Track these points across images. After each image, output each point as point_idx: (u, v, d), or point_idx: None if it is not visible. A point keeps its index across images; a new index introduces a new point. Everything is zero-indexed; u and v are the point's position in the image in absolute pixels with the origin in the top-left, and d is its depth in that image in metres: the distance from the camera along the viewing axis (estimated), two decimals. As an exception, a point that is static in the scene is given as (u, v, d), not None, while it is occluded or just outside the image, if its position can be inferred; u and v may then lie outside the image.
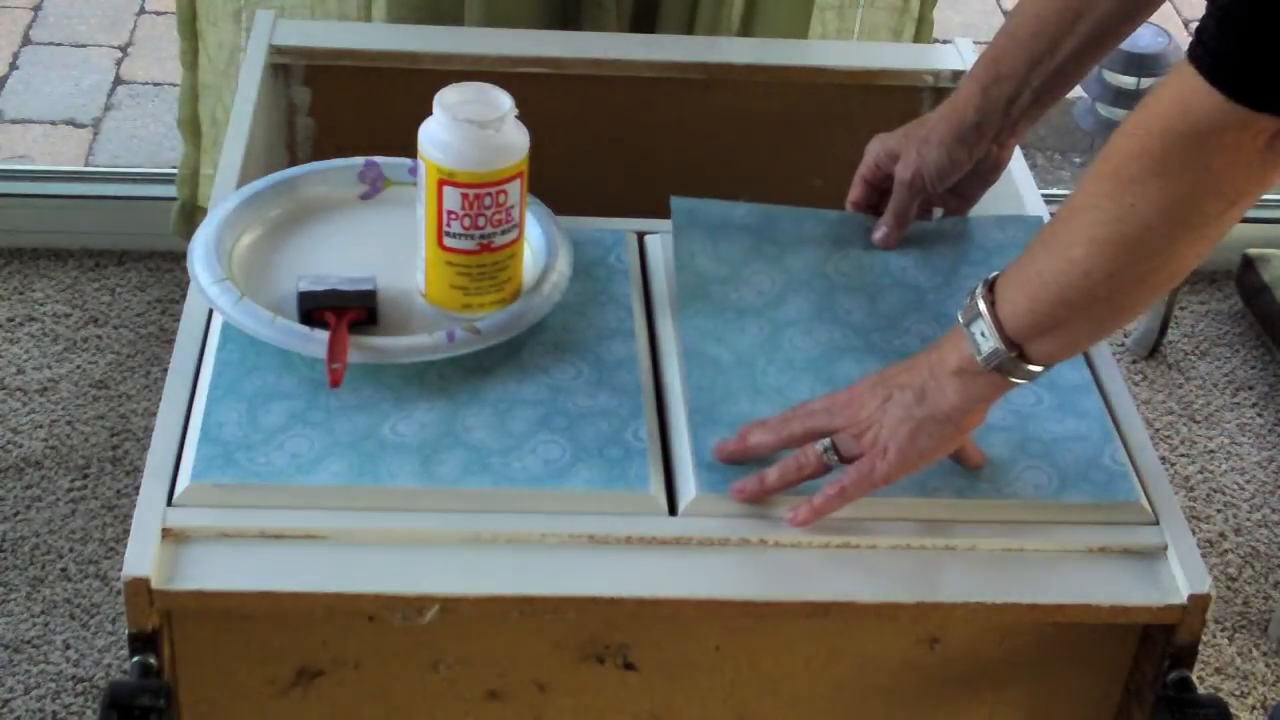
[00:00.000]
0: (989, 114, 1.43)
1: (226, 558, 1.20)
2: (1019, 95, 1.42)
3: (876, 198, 1.51)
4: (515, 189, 1.32)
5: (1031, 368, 1.18)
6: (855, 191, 1.50)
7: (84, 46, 3.28)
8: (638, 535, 1.23)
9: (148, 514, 1.21)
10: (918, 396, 1.21)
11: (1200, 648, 1.41)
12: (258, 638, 1.23)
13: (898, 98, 1.51)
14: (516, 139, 1.32)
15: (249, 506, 1.22)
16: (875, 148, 1.49)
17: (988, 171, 1.48)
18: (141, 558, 1.18)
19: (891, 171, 1.48)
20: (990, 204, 1.68)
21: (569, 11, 2.11)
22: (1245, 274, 2.62)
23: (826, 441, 1.24)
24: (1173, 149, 1.05)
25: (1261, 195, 1.09)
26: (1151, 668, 1.25)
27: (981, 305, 1.17)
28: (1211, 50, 1.02)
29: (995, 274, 1.19)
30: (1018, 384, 1.19)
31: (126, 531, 1.37)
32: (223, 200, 1.46)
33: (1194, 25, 3.71)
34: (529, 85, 1.48)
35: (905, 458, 1.21)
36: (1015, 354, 1.17)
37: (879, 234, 1.48)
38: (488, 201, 1.31)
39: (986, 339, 1.17)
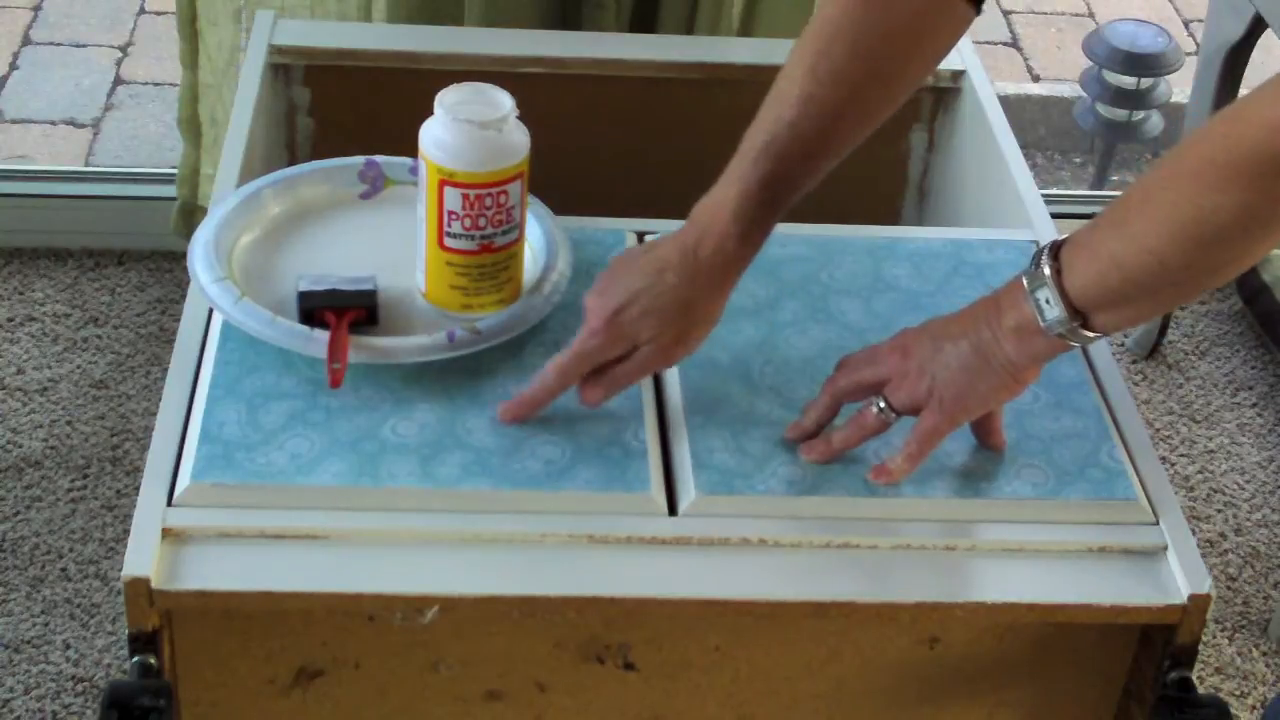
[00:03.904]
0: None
1: (226, 558, 1.20)
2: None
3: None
4: (516, 189, 1.32)
5: (1090, 334, 1.20)
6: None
7: (84, 46, 3.29)
8: (638, 535, 1.23)
9: (148, 514, 1.21)
10: (974, 347, 1.22)
11: (1200, 648, 1.41)
12: (258, 638, 1.23)
13: (898, 98, 1.52)
14: (517, 139, 1.32)
15: (249, 506, 1.22)
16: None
17: None
18: (141, 558, 1.18)
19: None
20: (990, 202, 1.68)
21: (569, 11, 2.11)
22: (1245, 274, 2.62)
23: (881, 402, 1.26)
24: (1261, 169, 1.08)
25: None
26: (1151, 668, 1.25)
27: (1048, 272, 1.19)
28: None
29: (1059, 240, 1.20)
30: (1075, 346, 1.21)
31: (126, 531, 1.37)
32: (223, 200, 1.46)
33: (1194, 25, 3.69)
34: (529, 85, 1.48)
35: (966, 403, 1.23)
36: (1079, 323, 1.19)
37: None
38: (488, 202, 1.31)
39: (1051, 306, 1.19)
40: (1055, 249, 1.20)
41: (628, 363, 1.29)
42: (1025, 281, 1.20)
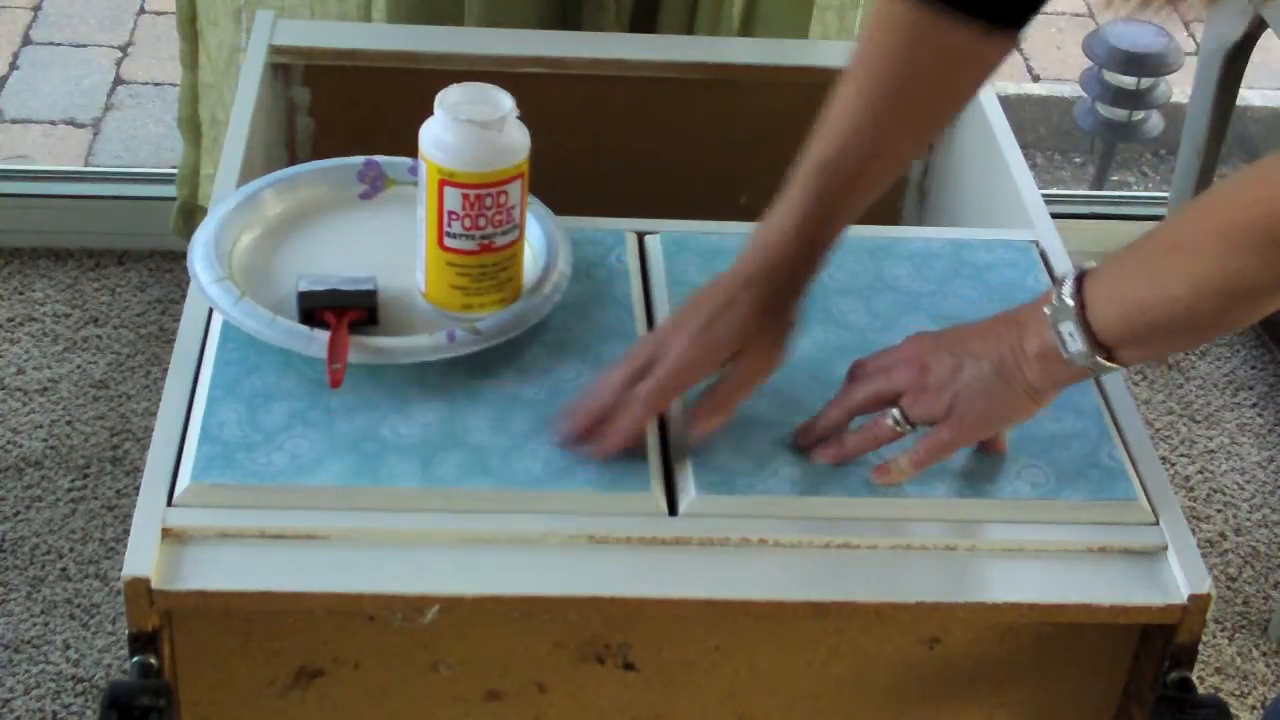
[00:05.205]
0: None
1: (226, 558, 1.20)
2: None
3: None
4: (516, 189, 1.32)
5: (1114, 366, 1.19)
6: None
7: (84, 46, 3.29)
8: (638, 536, 1.23)
9: (148, 514, 1.21)
10: (995, 368, 1.22)
11: (1200, 648, 1.41)
12: (257, 638, 1.23)
13: (898, 98, 1.52)
14: (517, 139, 1.32)
15: (249, 506, 1.22)
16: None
17: None
18: (141, 558, 1.18)
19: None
20: (990, 202, 1.68)
21: (569, 11, 2.11)
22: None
23: (896, 413, 1.25)
24: None
25: None
26: (1151, 668, 1.25)
27: (1071, 304, 1.18)
28: None
29: (1082, 270, 1.20)
30: (1098, 375, 1.21)
31: (126, 531, 1.37)
32: (223, 200, 1.46)
33: (1194, 25, 3.67)
34: (529, 85, 1.48)
35: (987, 423, 1.24)
36: (1103, 356, 1.19)
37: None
38: (488, 202, 1.31)
39: (1075, 340, 1.18)
40: (1078, 280, 1.19)
41: (729, 379, 1.28)
42: (1048, 311, 1.20)
